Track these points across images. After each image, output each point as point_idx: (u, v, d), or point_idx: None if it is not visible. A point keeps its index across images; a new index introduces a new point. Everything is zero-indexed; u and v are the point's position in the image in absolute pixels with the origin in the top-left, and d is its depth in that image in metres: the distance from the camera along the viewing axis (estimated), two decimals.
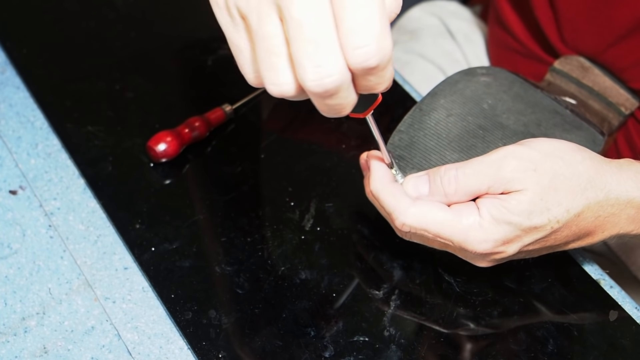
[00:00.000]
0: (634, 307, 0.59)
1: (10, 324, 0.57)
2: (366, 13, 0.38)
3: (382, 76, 0.40)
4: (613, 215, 0.52)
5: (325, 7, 0.38)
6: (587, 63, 0.70)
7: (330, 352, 0.56)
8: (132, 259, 0.60)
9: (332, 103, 0.41)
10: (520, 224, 0.50)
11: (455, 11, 0.92)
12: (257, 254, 0.61)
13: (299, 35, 0.38)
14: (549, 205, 0.50)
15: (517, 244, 0.51)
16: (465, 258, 0.54)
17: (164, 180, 0.65)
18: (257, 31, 0.40)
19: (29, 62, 0.72)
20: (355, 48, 0.38)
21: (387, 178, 0.53)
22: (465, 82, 0.60)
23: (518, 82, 0.62)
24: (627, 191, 0.52)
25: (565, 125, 0.60)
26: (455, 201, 0.51)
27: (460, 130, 0.57)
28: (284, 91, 0.41)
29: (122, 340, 0.56)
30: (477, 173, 0.50)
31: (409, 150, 0.56)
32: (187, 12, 0.78)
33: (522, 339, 0.57)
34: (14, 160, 0.66)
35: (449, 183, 0.51)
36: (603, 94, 0.69)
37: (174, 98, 0.71)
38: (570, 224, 0.51)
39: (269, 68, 0.40)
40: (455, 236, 0.51)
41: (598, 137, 0.61)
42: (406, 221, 0.51)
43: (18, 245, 0.61)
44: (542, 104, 0.61)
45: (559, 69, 0.71)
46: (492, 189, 0.50)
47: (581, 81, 0.70)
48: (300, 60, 0.38)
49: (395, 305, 0.58)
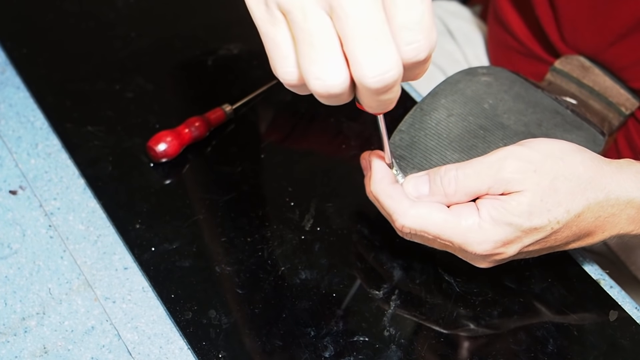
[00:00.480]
0: (634, 307, 0.59)
1: (10, 324, 0.57)
2: (418, 10, 0.39)
3: (424, 67, 0.42)
4: (613, 215, 0.52)
5: (379, 4, 0.39)
6: (587, 63, 0.70)
7: (330, 352, 0.56)
8: (132, 259, 0.60)
9: (386, 98, 0.42)
10: (520, 225, 0.50)
11: (455, 11, 0.93)
12: (257, 254, 0.61)
13: (356, 31, 0.39)
14: (549, 206, 0.49)
15: (517, 245, 0.51)
16: (466, 259, 0.54)
17: (164, 180, 0.65)
18: (302, 26, 0.40)
19: (29, 62, 0.72)
20: (409, 44, 0.40)
21: (388, 179, 0.53)
22: (466, 82, 0.60)
23: (519, 82, 0.62)
24: (627, 191, 0.52)
25: (565, 126, 0.60)
26: (455, 201, 0.51)
27: (461, 130, 0.57)
28: (330, 86, 0.41)
29: (122, 340, 0.56)
30: (478, 173, 0.50)
31: (409, 150, 0.56)
32: (187, 12, 0.78)
33: (522, 339, 0.57)
34: (14, 160, 0.66)
35: (449, 183, 0.51)
36: (603, 93, 0.69)
37: (174, 98, 0.71)
38: (571, 225, 0.51)
39: (314, 62, 0.40)
40: (455, 237, 0.51)
41: (598, 137, 0.61)
42: (406, 223, 0.51)
43: (18, 245, 0.61)
44: (543, 103, 0.61)
45: (560, 69, 0.71)
46: (492, 189, 0.50)
47: (582, 81, 0.70)
48: (359, 56, 0.39)
49: (395, 305, 0.58)
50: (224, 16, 0.77)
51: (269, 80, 0.71)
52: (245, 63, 0.73)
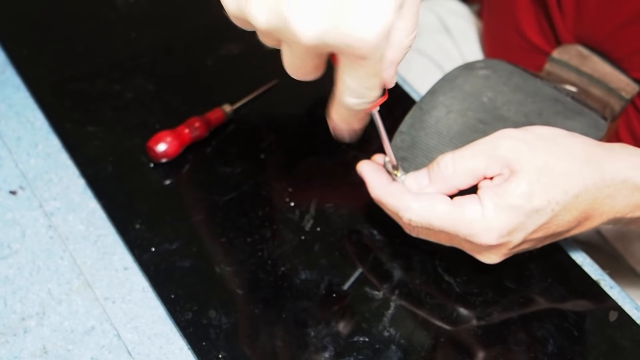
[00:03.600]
0: (634, 307, 0.59)
1: (10, 324, 0.57)
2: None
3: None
4: (610, 196, 0.53)
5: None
6: (585, 51, 0.70)
7: (330, 352, 0.56)
8: (132, 259, 0.60)
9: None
10: (522, 207, 0.50)
11: (453, 9, 0.93)
12: (257, 254, 0.61)
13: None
14: (547, 187, 0.50)
15: (522, 232, 0.51)
16: (473, 253, 0.54)
17: (164, 180, 0.65)
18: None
19: (29, 62, 0.72)
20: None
21: (385, 180, 0.55)
22: (464, 77, 0.60)
23: (517, 73, 0.62)
24: (620, 171, 0.52)
25: (567, 113, 0.60)
26: (455, 185, 0.52)
27: (461, 127, 0.57)
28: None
29: (122, 340, 0.56)
30: (474, 154, 0.52)
31: (411, 151, 0.56)
32: (187, 12, 0.78)
33: (522, 339, 0.57)
34: (14, 160, 0.66)
35: (447, 167, 0.52)
36: (603, 80, 0.69)
37: (174, 98, 0.71)
38: (570, 207, 0.51)
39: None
40: (461, 228, 0.51)
41: (600, 122, 0.60)
42: (412, 217, 0.52)
43: (18, 246, 0.61)
44: (543, 92, 0.61)
45: (558, 59, 0.71)
46: (490, 169, 0.51)
47: (580, 69, 0.70)
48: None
49: (395, 305, 0.58)
50: (224, 16, 0.77)
51: (269, 80, 0.71)
52: (245, 63, 0.73)
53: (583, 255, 0.62)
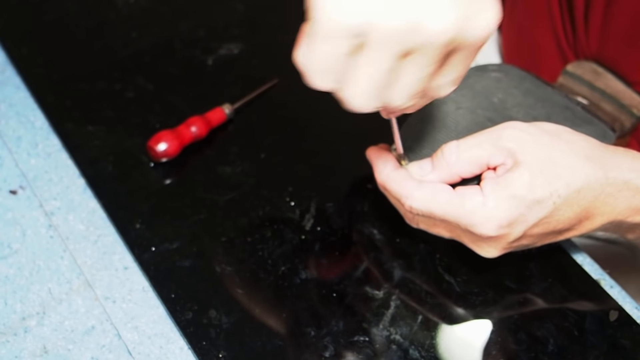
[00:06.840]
0: (634, 307, 0.59)
1: (10, 324, 0.57)
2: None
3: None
4: (611, 196, 0.53)
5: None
6: (600, 69, 0.71)
7: (331, 352, 0.56)
8: (132, 258, 0.60)
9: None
10: (523, 198, 0.50)
11: None
12: (257, 253, 0.61)
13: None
14: (550, 179, 0.50)
15: (522, 225, 0.51)
16: (472, 246, 0.54)
17: (164, 180, 0.65)
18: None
19: (29, 62, 0.72)
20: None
21: (391, 166, 0.55)
22: (476, 77, 0.61)
23: (529, 79, 0.62)
24: (623, 172, 0.53)
25: (575, 120, 0.60)
26: (458, 172, 0.52)
27: (469, 123, 0.57)
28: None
29: (122, 340, 0.56)
30: (478, 142, 0.52)
31: (418, 142, 0.57)
32: (187, 12, 0.78)
33: (522, 339, 0.57)
34: (14, 160, 0.66)
35: (450, 153, 0.52)
36: (615, 96, 0.69)
37: (174, 98, 0.71)
38: (571, 201, 0.51)
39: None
40: (461, 218, 0.51)
41: (609, 133, 0.61)
42: (413, 204, 0.53)
43: (18, 245, 0.61)
44: (553, 99, 0.61)
45: (572, 72, 0.72)
46: (494, 158, 0.51)
47: (594, 84, 0.70)
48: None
49: (395, 305, 0.58)
50: (224, 16, 0.77)
51: (269, 80, 0.71)
52: (245, 63, 0.73)
53: (583, 254, 0.62)
